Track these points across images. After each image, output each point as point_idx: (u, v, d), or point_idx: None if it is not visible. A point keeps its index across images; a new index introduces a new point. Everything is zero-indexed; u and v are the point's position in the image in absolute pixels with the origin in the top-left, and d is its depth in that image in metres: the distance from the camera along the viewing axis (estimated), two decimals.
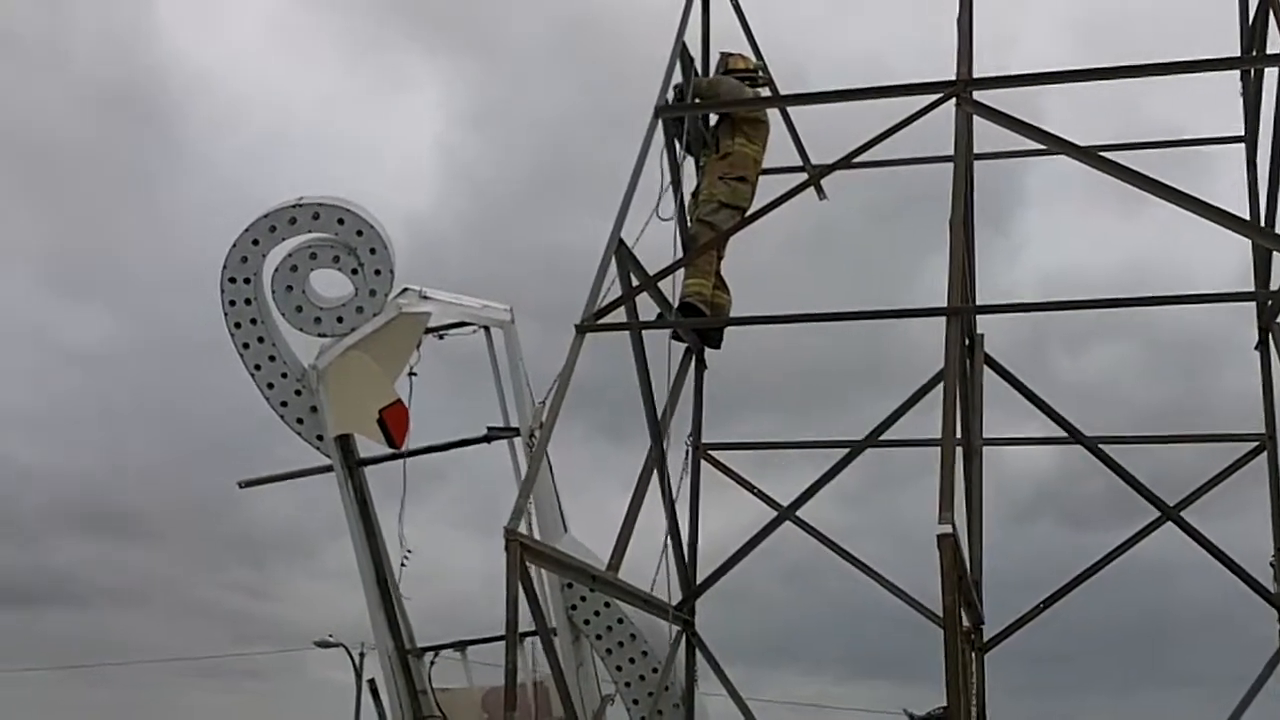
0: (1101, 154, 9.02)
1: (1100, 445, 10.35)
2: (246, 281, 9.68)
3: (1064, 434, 10.43)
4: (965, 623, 8.33)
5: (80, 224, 45.21)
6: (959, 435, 8.11)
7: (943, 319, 7.98)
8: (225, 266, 9.70)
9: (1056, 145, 8.99)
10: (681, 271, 10.03)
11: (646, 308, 9.78)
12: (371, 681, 10.36)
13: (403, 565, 9.75)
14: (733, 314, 10.69)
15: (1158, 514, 10.09)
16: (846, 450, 10.51)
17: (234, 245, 9.69)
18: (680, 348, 10.60)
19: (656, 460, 9.51)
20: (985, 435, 9.85)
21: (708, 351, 10.92)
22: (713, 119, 10.91)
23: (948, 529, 6.85)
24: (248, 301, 9.70)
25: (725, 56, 11.13)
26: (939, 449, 7.25)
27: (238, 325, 9.73)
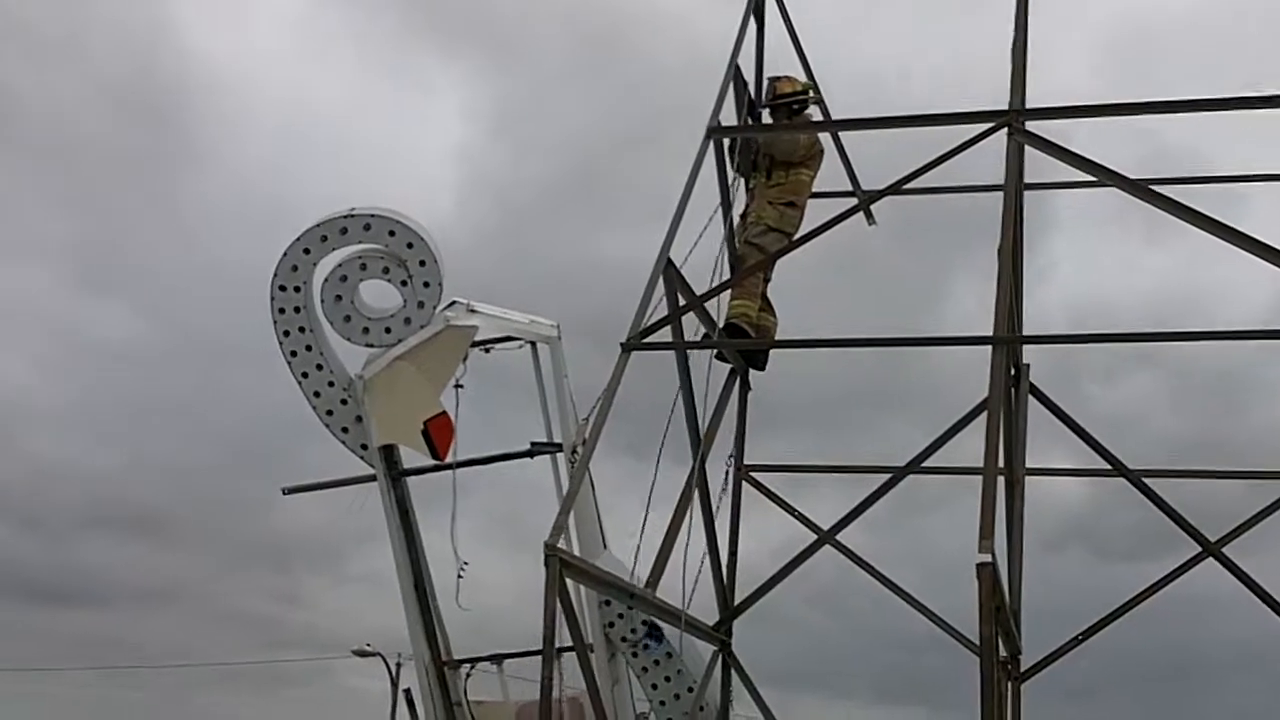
0: (1152, 188, 9.01)
1: (1143, 479, 10.28)
2: (296, 290, 9.77)
3: (1101, 465, 10.37)
4: (1002, 652, 8.30)
5: (100, 220, 45.69)
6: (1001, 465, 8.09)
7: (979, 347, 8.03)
8: (276, 274, 9.79)
9: (1107, 178, 8.97)
10: (727, 293, 10.08)
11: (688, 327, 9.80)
12: (407, 691, 10.40)
13: (459, 577, 9.71)
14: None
15: (1192, 547, 10.00)
16: (881, 475, 10.46)
17: (285, 254, 9.78)
18: (721, 368, 10.61)
19: (698, 481, 9.52)
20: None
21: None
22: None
23: (987, 558, 6.83)
24: (297, 310, 9.79)
25: (773, 82, 11.15)
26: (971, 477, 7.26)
27: (286, 333, 9.81)
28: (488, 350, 10.12)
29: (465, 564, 9.65)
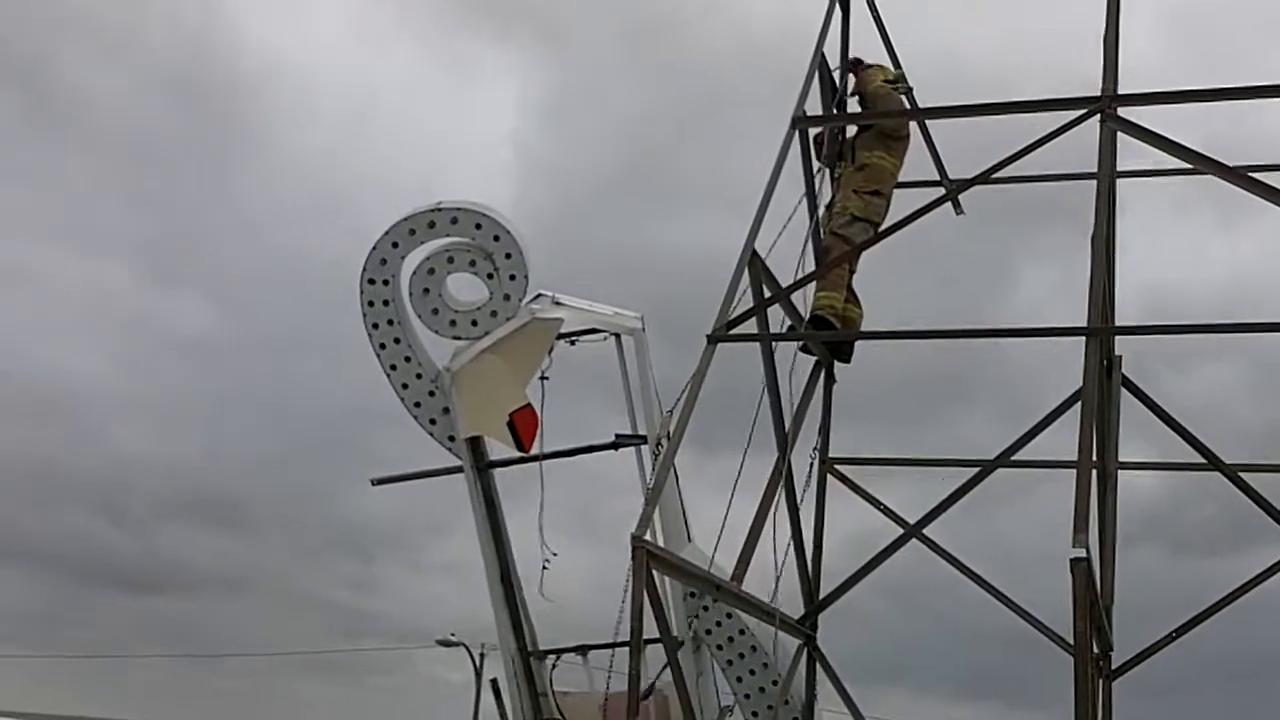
0: (1252, 176, 8.80)
1: (1239, 473, 10.04)
2: (385, 283, 9.86)
3: (1182, 457, 10.16)
4: (1094, 649, 8.17)
5: (168, 213, 46.46)
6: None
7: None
8: (364, 268, 9.89)
9: (1203, 164, 8.78)
10: (812, 284, 10.01)
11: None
12: (494, 681, 10.45)
13: (544, 568, 9.80)
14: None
15: None
16: (965, 467, 10.30)
17: (374, 248, 9.88)
18: (804, 359, 10.51)
19: (783, 473, 9.47)
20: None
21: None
22: (849, 131, 10.85)
23: (1082, 553, 6.74)
24: (385, 303, 9.88)
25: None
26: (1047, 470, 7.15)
27: (375, 326, 9.91)
28: (573, 343, 10.17)
29: (553, 554, 9.74)
